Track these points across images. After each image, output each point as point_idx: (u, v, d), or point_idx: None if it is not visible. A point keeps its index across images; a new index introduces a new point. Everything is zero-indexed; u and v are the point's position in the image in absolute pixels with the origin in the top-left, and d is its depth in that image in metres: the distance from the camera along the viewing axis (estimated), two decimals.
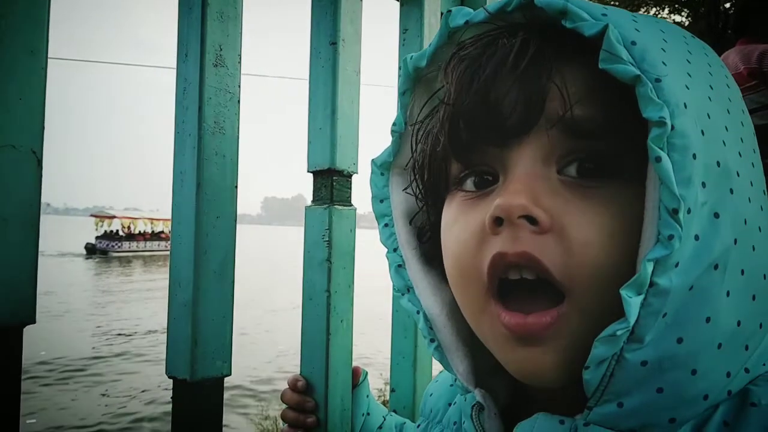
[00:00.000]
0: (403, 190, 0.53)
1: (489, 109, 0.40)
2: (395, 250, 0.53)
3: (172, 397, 0.70)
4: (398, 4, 1.12)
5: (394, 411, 1.05)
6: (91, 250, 31.63)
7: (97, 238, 32.92)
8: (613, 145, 0.38)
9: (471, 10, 0.43)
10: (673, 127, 0.34)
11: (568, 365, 0.39)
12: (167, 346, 0.70)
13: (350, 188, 0.92)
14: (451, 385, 0.55)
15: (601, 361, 0.36)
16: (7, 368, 0.55)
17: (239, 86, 0.74)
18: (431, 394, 0.59)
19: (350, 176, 0.91)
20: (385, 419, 0.85)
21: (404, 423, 0.84)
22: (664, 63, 0.35)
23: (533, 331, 0.39)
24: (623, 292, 0.34)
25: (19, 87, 0.55)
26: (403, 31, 1.11)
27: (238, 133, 0.74)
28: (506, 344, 0.41)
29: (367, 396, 0.88)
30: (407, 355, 1.05)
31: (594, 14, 0.37)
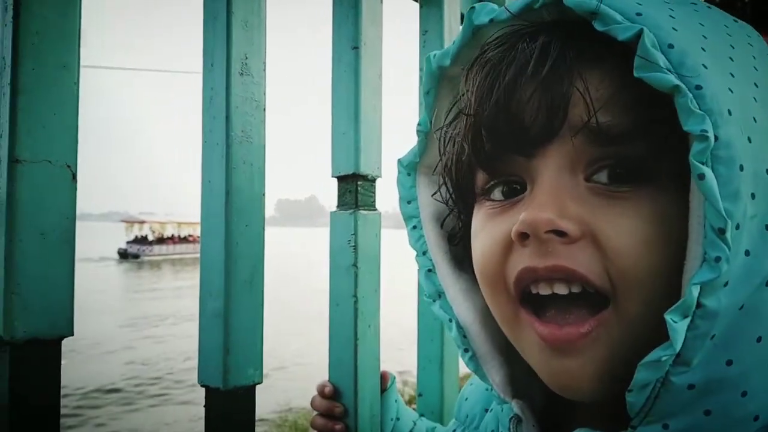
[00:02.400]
0: (432, 195, 0.52)
1: (510, 118, 0.38)
2: (424, 253, 0.52)
3: (204, 406, 0.70)
4: (417, 5, 1.12)
5: (422, 415, 1.05)
6: (123, 255, 32.31)
7: (128, 242, 33.62)
8: (645, 149, 0.36)
9: (495, 7, 0.41)
10: (716, 138, 0.32)
11: (606, 378, 0.38)
12: (199, 356, 0.71)
13: (374, 193, 0.91)
14: (488, 389, 0.54)
15: (644, 385, 0.34)
16: (47, 380, 0.56)
17: (264, 94, 0.74)
18: (467, 399, 0.58)
19: (374, 181, 0.91)
20: (415, 424, 0.85)
21: (435, 428, 0.83)
22: (704, 66, 0.33)
23: (569, 341, 0.38)
24: (668, 317, 0.33)
25: (53, 102, 0.56)
26: (423, 32, 1.11)
27: (265, 141, 0.74)
28: (541, 354, 0.40)
29: (396, 401, 0.88)
30: (434, 359, 1.05)
31: (628, 14, 0.35)
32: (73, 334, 0.57)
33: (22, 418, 0.54)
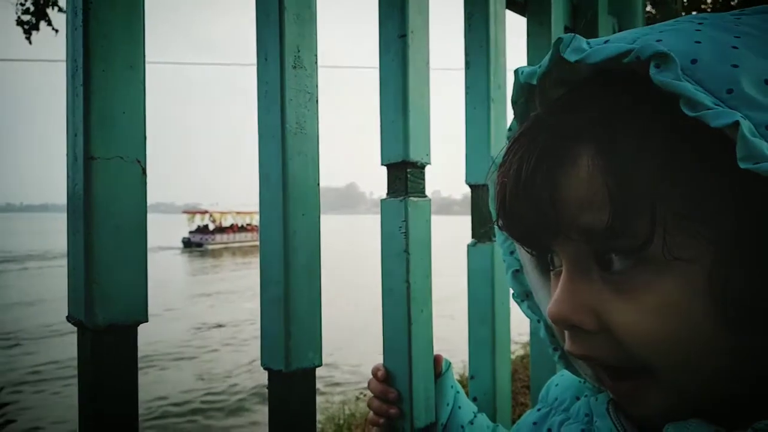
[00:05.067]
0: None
1: (519, 221, 0.42)
2: (512, 253, 0.53)
3: (267, 388, 0.73)
4: None
5: (474, 398, 1.06)
6: (187, 244, 33.69)
7: (190, 232, 34.98)
8: (635, 239, 0.36)
9: (584, 46, 0.40)
10: None
11: (671, 410, 0.40)
12: (261, 340, 0.74)
13: (424, 180, 0.92)
14: (580, 382, 0.55)
15: None
16: (124, 366, 0.59)
17: (317, 86, 0.76)
18: (557, 385, 0.59)
19: (423, 167, 0.92)
20: (475, 416, 0.86)
21: (497, 426, 0.84)
22: None
23: (628, 395, 0.41)
24: None
25: (123, 101, 0.59)
26: (468, 16, 1.10)
27: (318, 131, 0.76)
28: (616, 396, 0.44)
29: (452, 387, 0.89)
30: (485, 342, 1.06)
31: (718, 92, 0.33)
32: (147, 320, 0.60)
33: (104, 399, 0.58)
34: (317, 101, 0.76)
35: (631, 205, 0.35)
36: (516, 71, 0.46)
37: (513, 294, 0.53)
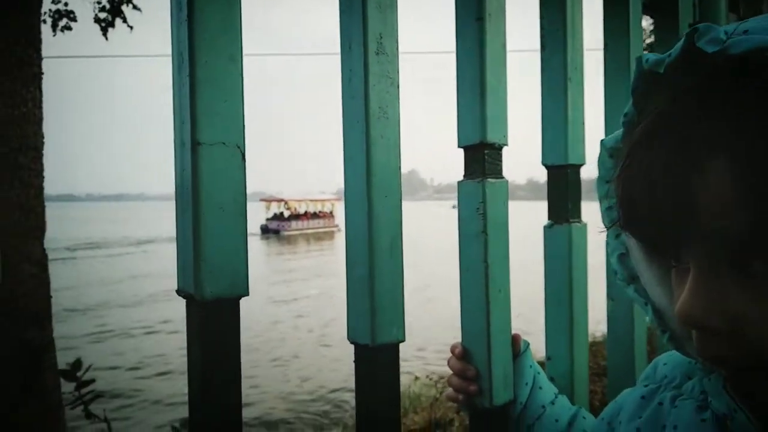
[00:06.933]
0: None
1: (647, 226, 0.41)
2: (618, 236, 0.53)
3: (354, 361, 0.77)
4: None
5: (552, 378, 1.06)
6: (265, 230, 35.44)
7: (267, 219, 36.69)
8: None
9: (720, 36, 0.38)
10: None
11: None
12: (348, 316, 0.78)
13: (501, 161, 0.93)
14: (690, 363, 0.55)
15: None
16: (228, 337, 0.65)
17: (398, 72, 0.78)
18: (665, 363, 0.59)
19: (501, 149, 0.92)
20: (557, 397, 0.86)
21: (579, 408, 0.84)
22: None
23: (754, 388, 0.43)
24: None
25: (224, 90, 0.64)
26: None
27: (399, 116, 0.78)
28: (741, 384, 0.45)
29: (531, 367, 0.90)
30: (562, 322, 1.06)
31: None
32: (248, 294, 0.65)
33: (211, 365, 0.63)
34: (398, 86, 0.78)
35: None
36: (639, 59, 0.45)
37: (618, 277, 0.53)
